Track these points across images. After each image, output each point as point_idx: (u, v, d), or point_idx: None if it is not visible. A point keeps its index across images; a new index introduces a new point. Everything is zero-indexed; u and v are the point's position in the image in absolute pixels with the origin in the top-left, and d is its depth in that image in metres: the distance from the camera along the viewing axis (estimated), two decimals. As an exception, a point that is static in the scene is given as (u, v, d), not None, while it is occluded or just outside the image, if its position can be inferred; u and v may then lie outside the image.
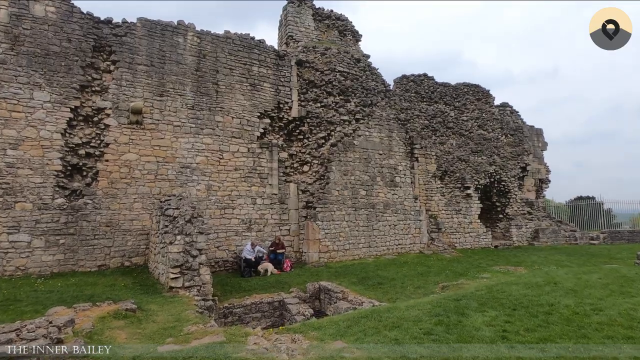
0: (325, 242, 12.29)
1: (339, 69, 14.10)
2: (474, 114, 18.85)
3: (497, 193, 18.16)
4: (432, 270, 10.64)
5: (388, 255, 13.45)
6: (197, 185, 11.04)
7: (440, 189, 16.59)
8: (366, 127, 13.98)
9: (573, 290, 6.18)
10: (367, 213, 13.42)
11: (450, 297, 6.11)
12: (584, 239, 18.08)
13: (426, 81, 18.29)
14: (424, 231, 14.92)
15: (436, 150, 17.02)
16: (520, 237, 17.78)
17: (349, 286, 8.99)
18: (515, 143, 19.23)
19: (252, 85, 12.32)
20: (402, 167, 14.77)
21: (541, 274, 8.34)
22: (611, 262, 11.86)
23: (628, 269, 8.60)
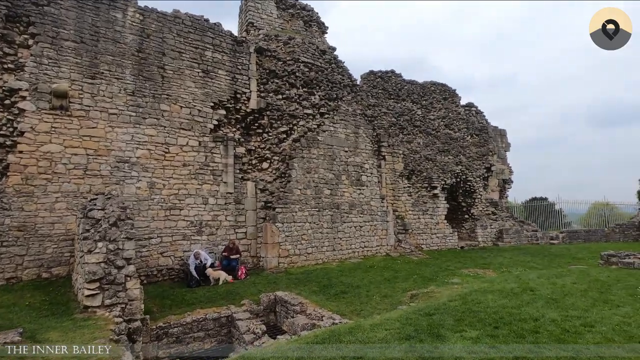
0: (285, 245, 11.24)
1: (303, 60, 13.13)
2: (440, 113, 18.60)
3: (463, 193, 17.97)
4: (399, 275, 9.92)
5: (353, 259, 12.64)
6: (137, 182, 9.60)
7: (407, 188, 16.07)
8: (331, 122, 13.10)
9: (553, 299, 5.58)
10: (332, 214, 12.53)
11: (421, 310, 5.30)
12: (545, 239, 18.33)
13: (394, 78, 17.78)
14: (390, 232, 14.28)
15: (403, 148, 16.50)
16: (486, 237, 17.69)
17: (309, 296, 8.02)
18: (480, 143, 19.20)
19: (205, 71, 11.03)
20: (369, 166, 14.04)
21: (513, 279, 7.82)
22: (575, 262, 11.79)
23: (598, 271, 8.32)
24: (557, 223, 27.68)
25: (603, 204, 31.15)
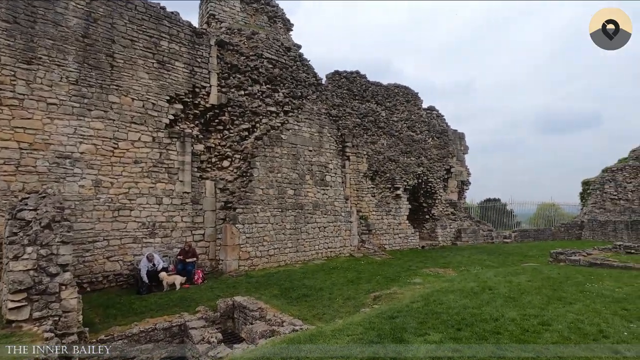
0: (246, 247, 10.78)
1: (266, 56, 12.73)
2: (403, 115, 18.91)
3: (424, 194, 18.39)
4: (362, 276, 9.82)
5: (317, 260, 12.42)
6: (80, 180, 8.73)
7: (371, 189, 16.13)
8: (295, 120, 12.81)
9: (511, 297, 5.67)
10: (295, 214, 12.23)
11: (384, 313, 5.16)
12: (499, 238, 19.21)
13: (358, 79, 17.81)
14: (354, 233, 14.24)
15: (367, 149, 16.57)
16: (445, 237, 18.20)
17: (270, 300, 7.67)
18: (441, 145, 19.77)
19: (160, 62, 10.31)
20: (333, 166, 13.90)
21: (472, 278, 7.95)
22: (527, 260, 12.34)
23: (549, 269, 8.67)
24: (509, 223, 29.30)
25: (549, 205, 33.39)
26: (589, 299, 5.32)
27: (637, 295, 5.58)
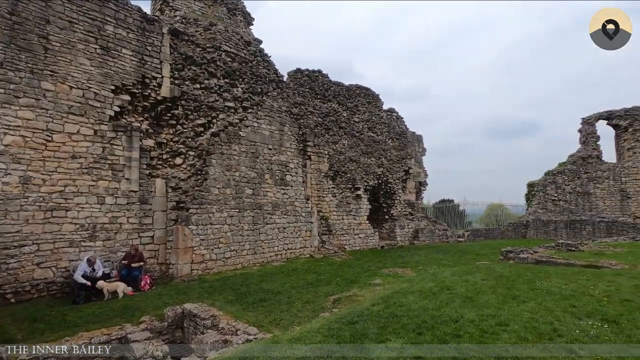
0: (200, 250, 10.15)
1: (225, 49, 12.13)
2: (364, 116, 19.05)
3: (384, 194, 18.62)
4: (322, 278, 9.60)
5: (276, 262, 12.03)
6: (4, 177, 7.67)
7: (332, 189, 16.02)
8: (255, 117, 12.33)
9: (468, 297, 5.69)
10: (254, 215, 11.75)
11: (344, 318, 4.94)
12: (454, 237, 19.95)
13: (320, 78, 17.68)
14: (315, 234, 14.02)
15: (329, 149, 16.44)
16: (403, 237, 18.56)
17: (224, 306, 7.19)
18: (400, 147, 20.17)
19: (105, 48, 9.40)
20: (294, 165, 13.58)
21: (430, 277, 8.01)
22: (479, 258, 12.81)
23: (500, 267, 8.97)
24: (461, 223, 30.68)
25: (497, 206, 35.42)
26: (540, 297, 5.47)
27: (581, 291, 5.83)
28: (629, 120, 23.27)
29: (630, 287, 6.05)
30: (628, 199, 22.40)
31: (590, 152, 23.42)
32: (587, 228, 18.00)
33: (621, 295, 5.52)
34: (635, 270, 7.87)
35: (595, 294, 5.66)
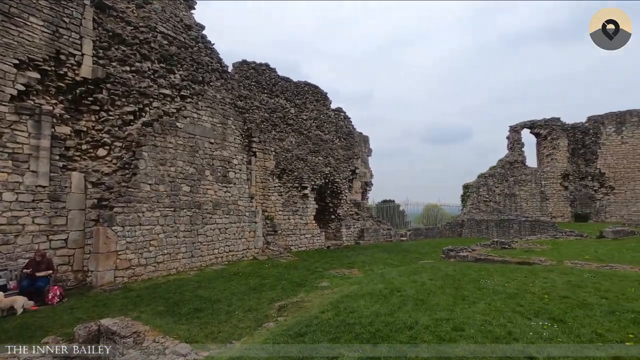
0: (126, 254, 8.92)
1: (161, 30, 10.93)
2: (312, 114, 18.70)
3: (330, 194, 18.43)
4: (267, 282, 8.96)
5: (216, 265, 11.11)
6: None
7: (278, 188, 15.38)
8: (195, 108, 11.27)
9: (419, 299, 5.50)
10: (192, 214, 10.71)
11: (290, 329, 4.42)
12: (397, 237, 20.44)
13: (268, 72, 16.94)
14: (259, 234, 13.28)
15: (275, 146, 15.79)
16: (349, 236, 18.54)
17: (152, 319, 6.25)
18: (347, 147, 20.15)
19: (6, 14, 7.80)
20: (238, 161, 12.73)
21: (379, 279, 7.81)
22: (423, 257, 13.11)
23: (444, 266, 9.10)
24: (402, 222, 31.81)
25: (433, 206, 37.39)
26: (488, 297, 5.45)
27: (523, 289, 5.96)
28: (547, 129, 25.88)
29: (564, 284, 6.34)
30: (546, 200, 24.88)
31: (516, 158, 25.61)
32: (514, 227, 19.55)
33: (558, 292, 5.72)
34: (563, 267, 8.41)
35: (536, 292, 5.81)
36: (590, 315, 4.41)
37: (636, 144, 23.53)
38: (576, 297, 5.31)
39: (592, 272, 7.31)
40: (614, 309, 4.62)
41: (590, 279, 6.62)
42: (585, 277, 6.75)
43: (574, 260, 9.05)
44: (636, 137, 23.53)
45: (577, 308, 4.76)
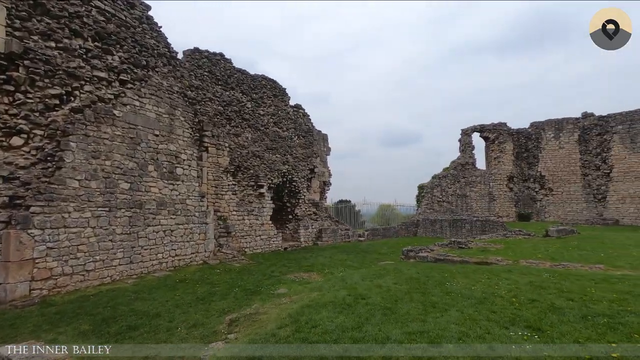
0: (46, 262, 7.54)
1: (97, 4, 9.55)
2: (270, 110, 17.85)
3: (288, 193, 17.73)
4: (217, 289, 8.06)
5: (160, 272, 9.94)
6: None
7: (232, 186, 14.37)
8: (137, 95, 10.01)
9: (387, 308, 5.04)
10: (131, 215, 9.46)
11: (242, 352, 3.70)
12: (355, 237, 20.22)
13: (223, 62, 15.82)
14: (210, 236, 12.23)
15: (230, 141, 14.76)
16: (307, 237, 17.95)
17: (73, 341, 5.16)
18: (306, 145, 19.56)
19: None
20: (187, 157, 11.59)
21: (340, 284, 7.29)
22: (382, 258, 12.88)
23: (406, 268, 8.82)
24: (357, 222, 31.91)
25: (387, 206, 38.04)
26: (458, 303, 5.13)
27: (491, 292, 5.74)
28: (495, 133, 27.26)
29: (527, 285, 6.24)
30: (494, 201, 26.17)
31: (467, 160, 26.67)
32: (467, 226, 20.20)
33: (525, 294, 5.55)
34: (520, 266, 8.48)
35: (503, 294, 5.60)
36: (565, 321, 4.19)
37: (571, 149, 25.53)
38: (544, 300, 5.15)
39: (549, 272, 7.38)
40: (584, 313, 4.47)
41: (550, 279, 6.61)
42: (545, 278, 6.75)
43: (529, 260, 9.21)
44: (571, 143, 25.53)
45: (550, 313, 4.55)
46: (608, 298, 5.17)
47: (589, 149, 24.67)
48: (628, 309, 4.58)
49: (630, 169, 22.68)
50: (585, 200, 24.74)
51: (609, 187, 23.61)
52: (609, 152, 23.57)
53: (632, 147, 22.65)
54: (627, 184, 22.78)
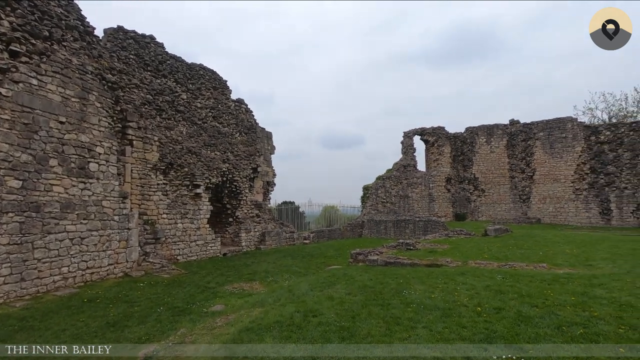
0: None
1: (-21, -47, 7.50)
2: (209, 103, 16.31)
3: (228, 194, 16.32)
4: (136, 310, 6.63)
5: (64, 290, 8.11)
6: None
7: (162, 185, 12.66)
8: (35, 71, 8.09)
9: (344, 328, 4.24)
10: (23, 220, 7.55)
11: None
12: (300, 240, 19.38)
13: (153, 47, 14.01)
14: (134, 244, 10.49)
15: (160, 135, 13.02)
16: (249, 241, 16.69)
17: None
18: (249, 142, 18.28)
19: None
20: (105, 150, 9.78)
21: (287, 295, 6.38)
22: (330, 262, 12.20)
23: (357, 273, 8.19)
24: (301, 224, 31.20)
25: (330, 207, 37.92)
26: (422, 317, 4.51)
27: (452, 301, 5.26)
28: (435, 137, 28.36)
29: (485, 289, 5.89)
30: (434, 202, 27.13)
31: (409, 162, 27.36)
32: (410, 226, 20.48)
33: (488, 302, 5.14)
34: (470, 267, 8.30)
35: (466, 303, 5.14)
36: (542, 335, 3.74)
37: (500, 153, 27.46)
38: (509, 308, 4.75)
39: (500, 273, 7.20)
40: (556, 323, 4.09)
41: (505, 282, 6.37)
42: (500, 280, 6.50)
43: (477, 260, 9.13)
44: (500, 147, 27.46)
45: (521, 324, 4.11)
46: (569, 302, 4.93)
47: (516, 153, 26.72)
48: (595, 315, 4.32)
49: (549, 172, 24.94)
50: (513, 200, 26.73)
51: (532, 189, 25.74)
52: (532, 156, 25.71)
53: (551, 152, 24.93)
54: (547, 186, 25.01)
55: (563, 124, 24.61)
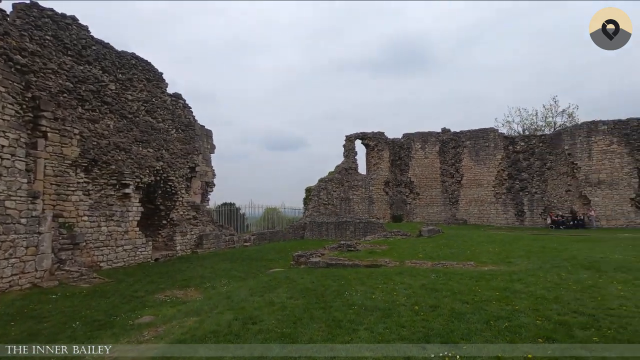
0: None
1: None
2: (142, 95, 15.04)
3: (162, 194, 15.19)
4: (44, 327, 5.75)
5: (-50, 307, 6.78)
6: None
7: (83, 184, 11.33)
8: None
9: (285, 334, 4.10)
10: None
11: None
12: (240, 242, 18.74)
13: (76, 29, 12.53)
14: (46, 250, 9.19)
15: (83, 128, 11.66)
16: (185, 245, 15.69)
17: None
18: (186, 140, 17.23)
19: None
20: (10, 143, 8.45)
21: (225, 302, 6.05)
22: (271, 265, 11.92)
23: (299, 276, 8.12)
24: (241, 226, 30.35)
25: (272, 209, 37.47)
26: (364, 318, 4.53)
27: (392, 301, 5.39)
28: (375, 141, 29.47)
29: (421, 288, 6.14)
30: (373, 204, 28.14)
31: (351, 165, 28.07)
32: (350, 228, 20.95)
33: (424, 300, 5.35)
34: (407, 267, 8.65)
35: (405, 302, 5.29)
36: (473, 330, 3.96)
37: (433, 159, 29.43)
38: (444, 306, 4.98)
39: (434, 272, 7.60)
40: (485, 318, 4.37)
41: (438, 280, 6.71)
42: (434, 279, 6.84)
43: (413, 260, 9.57)
44: (433, 154, 29.44)
45: (455, 321, 4.31)
46: (494, 297, 5.32)
47: (447, 159, 28.83)
48: (516, 309, 4.70)
49: (475, 177, 27.32)
50: (443, 203, 28.78)
51: (460, 193, 27.97)
52: (461, 162, 27.95)
53: (476, 159, 27.34)
54: (472, 190, 27.36)
55: (486, 134, 27.15)
